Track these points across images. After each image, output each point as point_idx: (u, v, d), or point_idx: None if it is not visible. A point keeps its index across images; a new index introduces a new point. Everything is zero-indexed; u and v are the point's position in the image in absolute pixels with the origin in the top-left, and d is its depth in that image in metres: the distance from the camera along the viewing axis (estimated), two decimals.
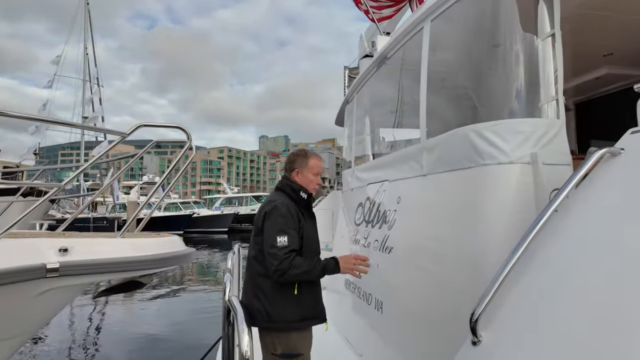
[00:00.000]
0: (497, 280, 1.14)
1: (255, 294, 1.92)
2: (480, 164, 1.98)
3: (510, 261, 1.16)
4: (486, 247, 1.84)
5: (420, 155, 2.54)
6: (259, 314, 1.88)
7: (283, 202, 1.97)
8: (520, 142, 1.89)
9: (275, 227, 1.88)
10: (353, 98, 4.38)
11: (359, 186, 3.92)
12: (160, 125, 2.15)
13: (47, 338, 6.55)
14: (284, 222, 1.89)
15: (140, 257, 1.78)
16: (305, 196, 2.06)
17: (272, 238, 1.86)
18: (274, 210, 1.93)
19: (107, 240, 1.82)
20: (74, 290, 1.87)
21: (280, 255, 1.81)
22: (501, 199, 1.87)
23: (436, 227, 2.26)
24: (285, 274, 1.81)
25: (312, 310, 1.98)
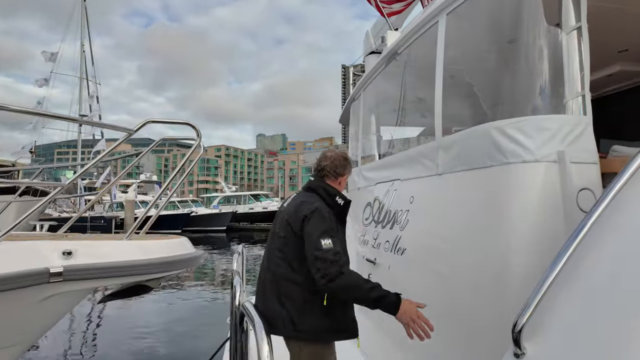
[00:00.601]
0: (543, 286, 1.05)
1: (279, 300, 1.78)
2: (502, 163, 1.89)
3: (556, 265, 1.08)
4: (509, 250, 1.76)
5: (435, 153, 2.45)
6: (282, 321, 1.76)
7: (322, 206, 1.82)
8: (546, 139, 1.81)
9: (319, 230, 1.71)
10: (359, 95, 4.29)
11: (367, 185, 3.84)
12: (168, 121, 2.05)
13: (47, 339, 6.44)
14: (328, 225, 1.74)
15: (148, 260, 1.68)
16: (342, 202, 1.89)
17: (316, 241, 1.68)
18: (316, 212, 1.76)
19: (113, 243, 1.73)
20: (78, 295, 1.78)
21: (328, 258, 1.62)
22: (525, 199, 1.79)
23: (453, 229, 2.17)
24: (333, 280, 1.61)
25: (342, 324, 1.84)
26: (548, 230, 1.73)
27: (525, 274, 1.70)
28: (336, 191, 1.90)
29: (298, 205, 1.86)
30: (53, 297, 1.56)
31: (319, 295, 1.74)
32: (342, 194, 1.93)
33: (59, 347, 6.18)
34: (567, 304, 1.07)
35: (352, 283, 1.64)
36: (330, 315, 1.76)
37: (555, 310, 1.07)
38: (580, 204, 1.76)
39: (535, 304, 1.04)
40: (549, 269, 1.09)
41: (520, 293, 1.66)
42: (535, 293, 1.06)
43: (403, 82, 3.34)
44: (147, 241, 1.87)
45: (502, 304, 1.73)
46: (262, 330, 1.24)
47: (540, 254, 1.69)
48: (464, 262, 2.01)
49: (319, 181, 1.94)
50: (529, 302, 1.06)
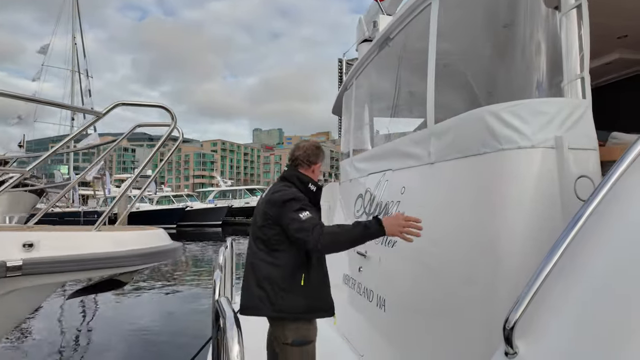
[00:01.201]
0: (537, 280, 0.96)
1: (258, 284, 1.87)
2: (497, 149, 1.79)
3: (551, 257, 0.98)
4: (504, 241, 1.66)
5: (427, 141, 2.34)
6: (262, 303, 1.85)
7: (296, 192, 1.92)
8: (543, 124, 1.70)
9: (293, 208, 1.82)
10: (352, 84, 4.17)
11: (359, 177, 3.73)
12: (139, 103, 1.93)
13: (29, 333, 6.32)
14: (303, 203, 1.85)
15: (119, 252, 1.57)
16: (315, 189, 1.99)
17: (293, 218, 1.79)
18: (286, 195, 1.88)
19: (81, 234, 1.61)
20: (42, 291, 1.66)
21: (308, 227, 1.72)
22: (521, 187, 1.69)
23: (445, 220, 2.07)
24: (320, 240, 1.70)
25: (319, 303, 1.95)
26: (544, 220, 1.63)
27: (520, 266, 1.61)
28: (309, 179, 1.99)
29: (273, 194, 1.95)
30: (12, 293, 1.44)
31: (297, 277, 1.84)
32: (314, 181, 2.01)
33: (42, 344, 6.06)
34: (563, 299, 0.97)
35: (337, 234, 1.75)
36: (309, 295, 1.86)
37: (550, 306, 0.97)
38: (579, 192, 1.66)
39: (528, 299, 0.94)
40: (543, 261, 0.99)
41: (515, 286, 1.58)
42: (528, 287, 0.96)
43: (396, 69, 3.22)
44: (119, 232, 1.75)
45: (496, 297, 1.64)
46: (233, 327, 1.13)
47: (536, 245, 1.60)
48: (457, 254, 1.92)
49: (292, 170, 2.03)
50: (521, 297, 0.96)
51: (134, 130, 2.00)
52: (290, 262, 1.85)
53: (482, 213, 1.80)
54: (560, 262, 0.97)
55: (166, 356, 5.60)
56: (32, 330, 6.41)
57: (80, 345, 6.22)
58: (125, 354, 5.79)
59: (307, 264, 1.90)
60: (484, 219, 1.78)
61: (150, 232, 1.88)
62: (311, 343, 1.91)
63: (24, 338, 6.09)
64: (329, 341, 3.02)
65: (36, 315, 7.15)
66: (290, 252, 1.87)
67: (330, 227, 1.79)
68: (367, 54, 3.44)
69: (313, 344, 1.93)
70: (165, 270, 12.91)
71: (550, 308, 0.97)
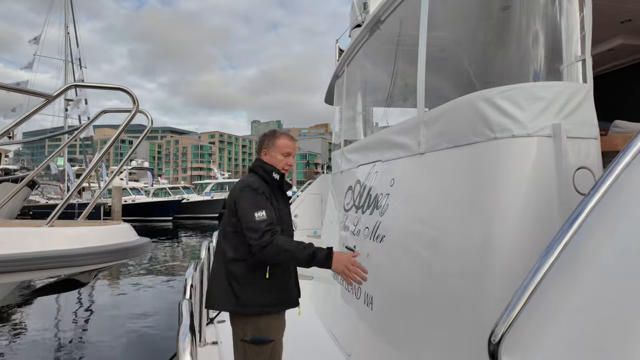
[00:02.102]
0: (529, 286, 0.82)
1: (226, 279, 1.83)
2: (489, 138, 1.65)
3: (546, 260, 0.85)
4: (498, 236, 1.53)
5: (417, 130, 2.20)
6: (226, 297, 1.82)
7: (255, 181, 1.90)
8: (540, 110, 1.56)
9: (250, 204, 1.79)
10: (343, 72, 4.00)
11: (349, 168, 3.59)
12: (96, 85, 1.78)
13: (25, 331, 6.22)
14: (259, 198, 1.82)
15: (73, 250, 1.43)
16: (278, 177, 1.96)
17: (249, 215, 1.76)
18: (246, 188, 1.86)
19: (30, 230, 1.47)
20: None
21: (260, 228, 1.71)
22: (515, 179, 1.55)
23: (435, 213, 1.94)
24: (266, 247, 1.70)
25: (284, 295, 1.90)
26: (540, 214, 1.50)
27: (514, 262, 1.48)
28: (272, 167, 1.97)
29: (235, 186, 1.94)
30: None
31: (261, 269, 1.79)
32: (277, 169, 1.98)
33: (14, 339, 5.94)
34: (559, 305, 0.84)
35: (283, 247, 1.71)
36: (273, 288, 1.82)
37: (545, 314, 0.84)
38: (578, 185, 1.53)
39: (519, 307, 0.81)
40: (538, 262, 0.86)
41: (508, 284, 1.46)
42: (520, 293, 0.83)
43: (388, 55, 3.06)
44: (76, 228, 1.61)
45: (489, 295, 1.52)
46: (186, 339, 1.01)
47: (531, 241, 1.48)
48: (447, 249, 1.79)
49: (256, 161, 2.03)
50: (511, 305, 0.83)
51: (100, 116, 1.85)
52: (251, 254, 1.79)
53: (475, 206, 1.66)
54: (557, 263, 0.84)
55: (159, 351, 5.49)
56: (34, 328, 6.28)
57: (74, 342, 6.13)
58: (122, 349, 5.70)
59: None
60: (476, 213, 1.65)
61: (113, 228, 1.74)
62: (271, 342, 1.81)
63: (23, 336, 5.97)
64: (316, 338, 2.91)
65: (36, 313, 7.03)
66: None
67: (281, 238, 1.74)
68: (358, 38, 3.27)
69: (274, 344, 1.83)
70: (158, 262, 12.81)
71: (544, 316, 0.84)
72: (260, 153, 2.05)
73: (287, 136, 2.05)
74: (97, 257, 1.50)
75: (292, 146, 2.04)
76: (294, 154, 2.07)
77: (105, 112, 1.87)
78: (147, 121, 1.86)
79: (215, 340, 2.88)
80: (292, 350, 2.08)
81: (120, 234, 1.75)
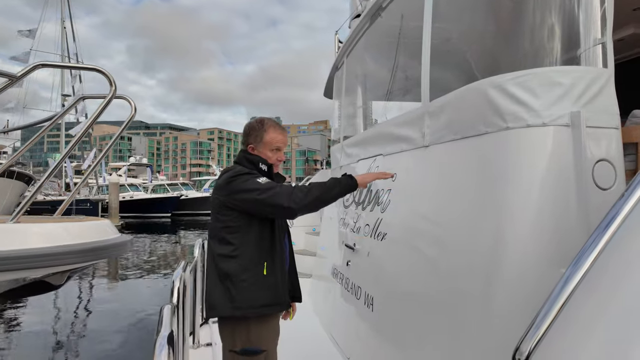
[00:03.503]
0: (555, 302, 0.70)
1: (219, 279, 1.66)
2: (501, 128, 1.53)
3: (573, 275, 0.72)
4: (510, 235, 1.41)
5: (421, 121, 2.07)
6: (222, 300, 1.64)
7: (242, 169, 1.74)
8: (557, 97, 1.44)
9: (248, 180, 1.66)
10: (343, 64, 3.86)
11: (349, 163, 3.46)
12: (68, 66, 1.66)
13: None
14: (249, 175, 1.69)
15: (40, 250, 1.28)
16: (266, 168, 1.80)
17: (249, 188, 1.62)
18: (231, 172, 1.71)
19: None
20: None
21: (270, 187, 1.60)
22: (529, 172, 1.43)
23: (440, 210, 1.82)
24: (292, 200, 1.59)
25: (280, 294, 1.73)
26: (556, 210, 1.38)
27: (527, 264, 1.36)
28: (258, 158, 1.81)
29: (221, 177, 1.79)
30: None
31: (259, 266, 1.65)
32: (264, 160, 1.81)
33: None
34: (595, 319, 0.71)
35: (311, 190, 1.64)
36: (271, 285, 1.67)
37: (579, 329, 0.72)
38: (597, 179, 1.40)
39: (548, 321, 0.69)
40: (568, 270, 0.74)
41: (520, 287, 1.34)
42: (548, 306, 0.71)
43: (390, 44, 2.92)
44: (45, 225, 1.46)
45: (499, 298, 1.40)
46: (163, 351, 0.89)
47: (547, 240, 1.36)
48: (454, 249, 1.66)
49: (242, 153, 1.87)
50: (538, 319, 0.71)
51: (79, 102, 1.71)
52: (249, 250, 1.65)
53: (484, 202, 1.54)
54: (591, 271, 0.72)
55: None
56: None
57: (65, 341, 6.01)
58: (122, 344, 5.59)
59: (270, 249, 1.69)
60: (486, 209, 1.52)
61: (88, 224, 1.60)
62: (263, 353, 1.65)
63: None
64: (315, 340, 2.79)
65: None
66: (249, 238, 1.66)
67: (304, 188, 1.67)
68: (358, 27, 3.13)
69: (266, 355, 1.67)
70: (154, 256, 12.70)
71: (577, 331, 0.72)
72: (246, 148, 1.85)
73: (277, 128, 1.84)
74: (69, 256, 1.35)
75: (283, 140, 1.85)
76: (284, 147, 1.88)
77: (84, 99, 1.75)
78: (130, 108, 1.72)
79: (209, 341, 2.77)
80: (288, 351, 1.96)
81: (97, 231, 1.60)
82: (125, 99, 1.74)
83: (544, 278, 1.34)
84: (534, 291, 1.34)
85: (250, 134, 1.83)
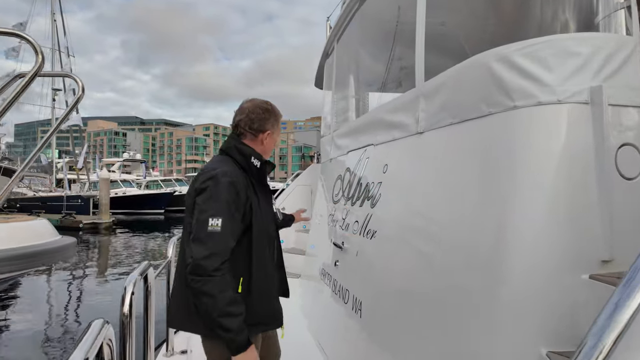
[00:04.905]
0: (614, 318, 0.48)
1: (184, 293, 1.39)
2: (507, 108, 1.30)
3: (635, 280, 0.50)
4: (518, 232, 1.19)
5: (415, 105, 1.85)
6: (188, 316, 1.41)
7: (226, 171, 1.42)
8: (574, 69, 1.22)
9: (210, 203, 1.36)
10: (333, 49, 3.62)
11: (339, 155, 3.23)
12: None
13: None
14: (226, 198, 1.36)
15: None
16: (259, 164, 1.52)
17: (202, 218, 1.34)
18: (213, 180, 1.39)
19: None
20: None
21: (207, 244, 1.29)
22: (542, 159, 1.21)
23: (437, 204, 1.59)
24: (197, 275, 1.28)
25: (262, 313, 1.46)
26: (572, 203, 1.16)
27: (537, 266, 1.15)
28: (251, 150, 1.51)
29: (199, 173, 1.48)
30: None
31: (233, 281, 1.35)
32: (258, 154, 1.53)
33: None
34: None
35: (214, 290, 1.27)
36: (249, 304, 1.37)
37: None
38: (620, 166, 1.19)
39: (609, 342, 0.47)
40: (627, 275, 0.51)
41: (529, 292, 1.12)
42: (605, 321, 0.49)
43: (383, 24, 2.68)
44: None
45: (504, 305, 1.18)
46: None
47: (559, 237, 1.14)
48: (453, 249, 1.44)
49: (233, 140, 1.55)
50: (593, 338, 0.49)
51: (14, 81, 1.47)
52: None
53: (488, 195, 1.31)
54: None
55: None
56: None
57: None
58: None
59: (248, 265, 1.42)
60: (490, 203, 1.30)
61: (17, 226, 1.37)
62: None
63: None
64: (300, 348, 2.57)
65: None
66: None
67: (220, 283, 1.28)
68: (349, 6, 2.88)
69: None
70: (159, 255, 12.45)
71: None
72: (258, 134, 1.54)
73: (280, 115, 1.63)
74: None
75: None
76: None
77: (19, 77, 1.50)
78: (77, 88, 1.48)
79: (184, 349, 2.54)
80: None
81: (29, 233, 1.37)
82: (72, 78, 1.50)
83: (560, 283, 1.13)
84: (549, 298, 1.12)
85: (268, 118, 1.54)
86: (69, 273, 9.99)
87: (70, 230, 17.99)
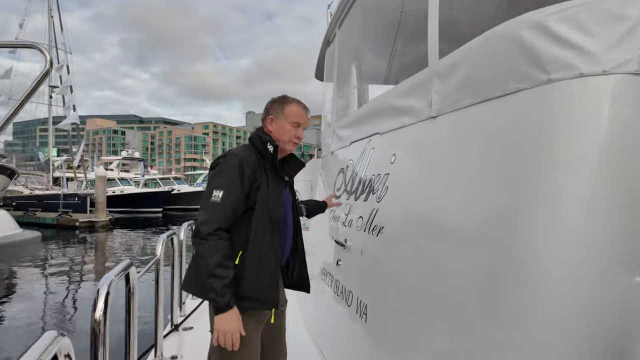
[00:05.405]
0: None
1: (192, 258, 1.61)
2: (541, 82, 1.12)
3: None
4: (558, 229, 1.01)
5: (427, 87, 1.66)
6: (188, 274, 1.62)
7: (239, 153, 1.60)
8: (621, 35, 1.04)
9: (216, 178, 1.56)
10: (334, 37, 3.43)
11: (341, 147, 3.05)
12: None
13: None
14: (232, 176, 1.54)
15: None
16: (272, 149, 1.64)
17: (208, 189, 1.55)
18: (222, 160, 1.60)
19: None
20: None
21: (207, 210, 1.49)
22: (585, 140, 1.03)
23: (455, 199, 1.41)
24: (196, 237, 1.47)
25: (251, 289, 1.53)
26: (622, 192, 0.98)
27: (582, 266, 0.97)
28: (268, 137, 1.69)
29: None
30: None
31: (229, 249, 1.50)
32: (272, 140, 1.68)
33: None
34: None
35: (205, 251, 1.45)
36: (243, 278, 1.51)
37: None
38: None
39: None
40: None
41: (577, 297, 0.94)
42: None
43: (387, 6, 2.49)
44: None
45: (531, 318, 1.00)
46: None
47: (608, 232, 0.96)
48: (472, 250, 1.26)
49: (257, 130, 1.75)
50: None
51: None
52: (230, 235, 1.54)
53: (518, 185, 1.13)
54: None
55: None
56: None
57: None
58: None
59: (245, 240, 1.55)
60: (520, 194, 1.12)
61: None
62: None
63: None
64: (300, 352, 2.39)
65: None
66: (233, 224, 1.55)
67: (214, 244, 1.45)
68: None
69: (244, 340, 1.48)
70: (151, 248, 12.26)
71: None
72: (265, 121, 1.73)
73: (299, 103, 1.74)
74: None
75: (304, 115, 1.73)
76: (305, 126, 1.75)
77: None
78: (45, 61, 1.31)
79: (174, 354, 2.36)
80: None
81: None
82: (36, 48, 1.33)
83: (612, 285, 0.95)
84: (598, 304, 0.94)
85: (271, 106, 1.74)
86: (58, 272, 9.80)
87: (67, 228, 17.79)
